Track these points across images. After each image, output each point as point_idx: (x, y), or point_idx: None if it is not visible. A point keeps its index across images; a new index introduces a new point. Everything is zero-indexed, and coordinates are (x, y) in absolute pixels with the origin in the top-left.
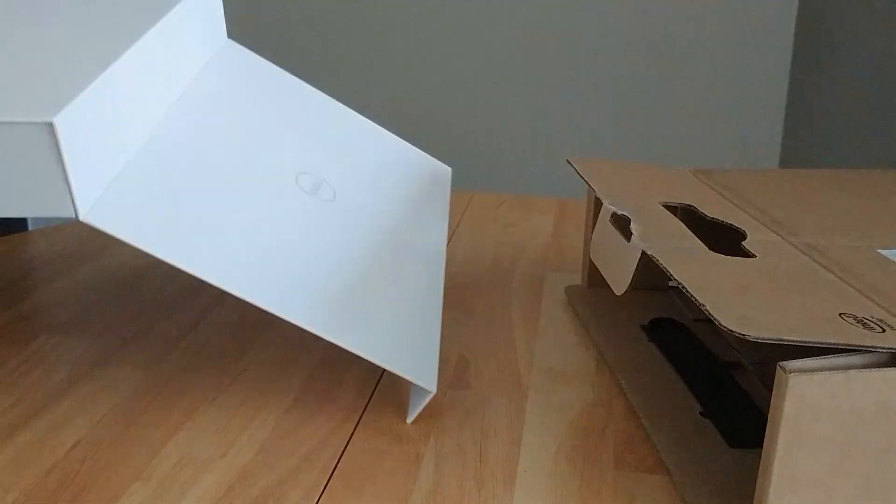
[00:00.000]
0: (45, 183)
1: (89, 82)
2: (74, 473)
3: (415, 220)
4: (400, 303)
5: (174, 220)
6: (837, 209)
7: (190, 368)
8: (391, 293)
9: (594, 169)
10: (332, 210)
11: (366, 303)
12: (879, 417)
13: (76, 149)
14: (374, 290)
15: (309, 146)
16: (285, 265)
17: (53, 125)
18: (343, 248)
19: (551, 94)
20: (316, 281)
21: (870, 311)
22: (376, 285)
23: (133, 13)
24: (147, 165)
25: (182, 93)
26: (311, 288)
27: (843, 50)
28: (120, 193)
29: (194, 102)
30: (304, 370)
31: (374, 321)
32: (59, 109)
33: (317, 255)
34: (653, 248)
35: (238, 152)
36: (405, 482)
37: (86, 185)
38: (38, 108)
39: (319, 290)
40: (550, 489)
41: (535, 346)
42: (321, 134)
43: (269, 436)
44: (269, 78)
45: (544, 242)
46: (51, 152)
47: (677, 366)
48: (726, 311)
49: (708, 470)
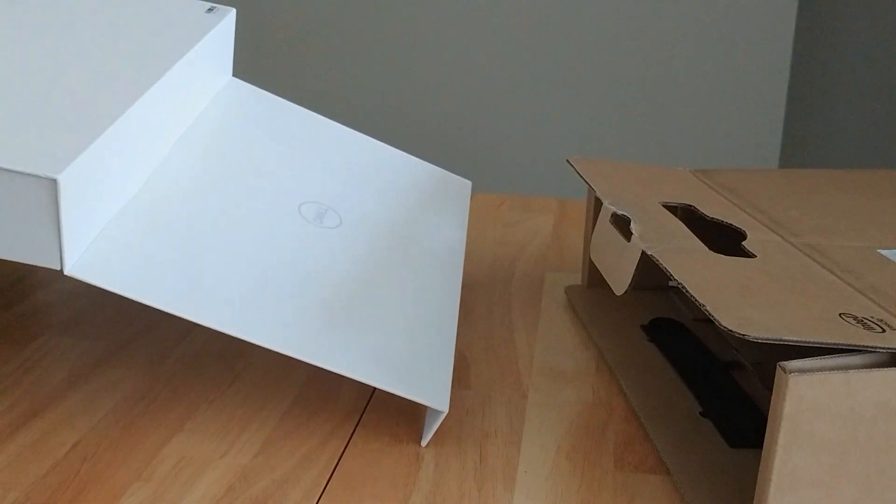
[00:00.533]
0: (36, 233)
1: (97, 135)
2: (74, 473)
3: (430, 234)
4: (411, 321)
5: (162, 266)
6: (837, 209)
7: (190, 368)
8: (401, 311)
9: (594, 169)
10: (336, 235)
11: (370, 325)
12: (879, 417)
13: (73, 204)
14: (379, 309)
15: (314, 174)
16: (278, 297)
17: (57, 182)
18: (345, 272)
19: (551, 94)
20: (313, 308)
21: (870, 311)
22: (382, 304)
23: (152, 51)
24: (140, 211)
25: (185, 130)
26: (307, 316)
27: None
28: (107, 244)
29: (197, 140)
30: (304, 370)
31: (381, 344)
32: (65, 166)
33: (315, 283)
34: (653, 248)
35: (237, 188)
36: (405, 482)
37: (76, 238)
38: (44, 161)
39: (317, 317)
40: (550, 489)
41: (535, 346)
42: (328, 160)
43: (269, 436)
44: (274, 110)
45: (544, 242)
46: (49, 207)
47: (677, 366)
48: (726, 312)
49: (708, 470)
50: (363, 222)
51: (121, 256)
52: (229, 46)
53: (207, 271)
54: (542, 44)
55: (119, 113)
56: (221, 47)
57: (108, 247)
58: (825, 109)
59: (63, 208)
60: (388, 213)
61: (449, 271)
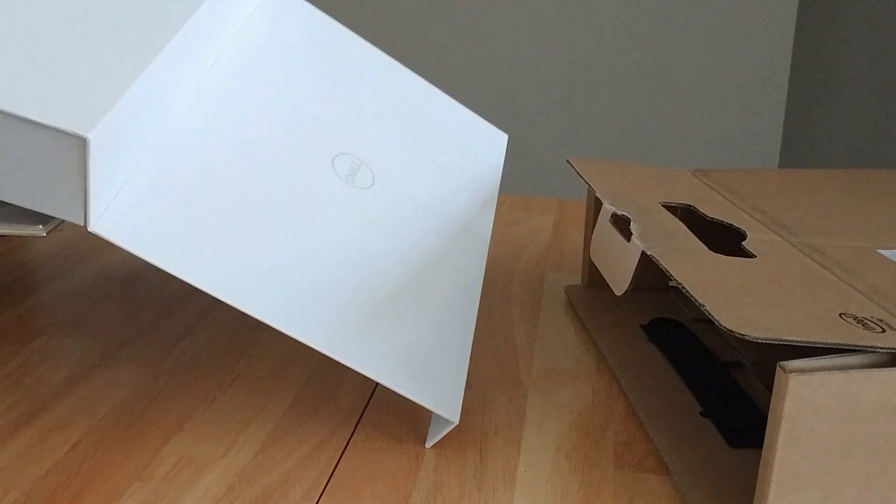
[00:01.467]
0: (63, 187)
1: (125, 89)
2: (74, 473)
3: (460, 211)
4: (432, 316)
5: (185, 229)
6: (837, 209)
7: (190, 368)
8: (423, 306)
9: (594, 169)
10: (367, 201)
11: (392, 321)
12: (879, 417)
13: (102, 162)
14: (403, 304)
15: (354, 118)
16: (301, 277)
17: (87, 141)
18: (372, 254)
19: (551, 94)
20: (336, 294)
21: (870, 311)
22: (406, 298)
23: None
24: (165, 167)
25: (219, 56)
26: (329, 304)
27: (843, 50)
28: (131, 201)
29: (231, 70)
30: (304, 370)
31: (400, 340)
32: (95, 123)
33: (340, 265)
34: (653, 248)
35: (270, 134)
36: (405, 482)
37: (102, 196)
38: (73, 117)
39: (339, 305)
40: (550, 489)
41: (535, 346)
42: (371, 103)
43: (269, 436)
44: (317, 32)
45: (544, 242)
46: (78, 164)
47: (677, 366)
48: (726, 312)
49: (708, 470)
50: (395, 188)
51: (144, 217)
52: None
53: (231, 241)
54: (543, 44)
55: (146, 63)
56: None
57: (133, 205)
58: (825, 109)
59: (92, 165)
60: (420, 179)
61: (474, 262)
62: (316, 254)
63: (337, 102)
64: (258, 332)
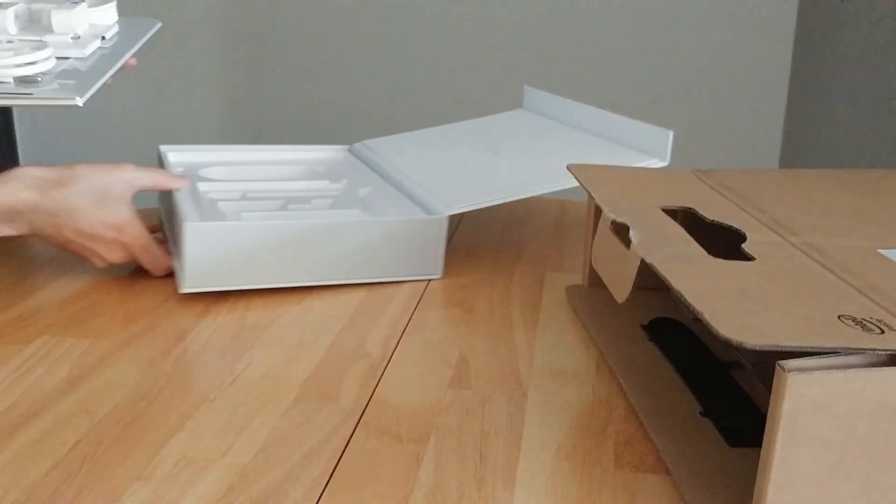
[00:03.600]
0: (427, 255)
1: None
2: (74, 473)
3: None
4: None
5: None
6: (837, 209)
7: (190, 368)
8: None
9: (593, 175)
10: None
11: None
12: (877, 416)
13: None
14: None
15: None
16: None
17: (443, 220)
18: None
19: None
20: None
21: (869, 311)
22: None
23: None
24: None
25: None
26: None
27: (843, 50)
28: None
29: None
30: (304, 370)
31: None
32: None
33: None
34: (651, 255)
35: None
36: (405, 482)
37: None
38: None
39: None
40: (550, 489)
41: (535, 346)
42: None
43: (269, 436)
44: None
45: (544, 242)
46: (441, 235)
47: (677, 366)
48: (724, 319)
49: (707, 469)
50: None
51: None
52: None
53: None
54: (543, 44)
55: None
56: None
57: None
58: (825, 109)
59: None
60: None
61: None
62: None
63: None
64: (258, 332)
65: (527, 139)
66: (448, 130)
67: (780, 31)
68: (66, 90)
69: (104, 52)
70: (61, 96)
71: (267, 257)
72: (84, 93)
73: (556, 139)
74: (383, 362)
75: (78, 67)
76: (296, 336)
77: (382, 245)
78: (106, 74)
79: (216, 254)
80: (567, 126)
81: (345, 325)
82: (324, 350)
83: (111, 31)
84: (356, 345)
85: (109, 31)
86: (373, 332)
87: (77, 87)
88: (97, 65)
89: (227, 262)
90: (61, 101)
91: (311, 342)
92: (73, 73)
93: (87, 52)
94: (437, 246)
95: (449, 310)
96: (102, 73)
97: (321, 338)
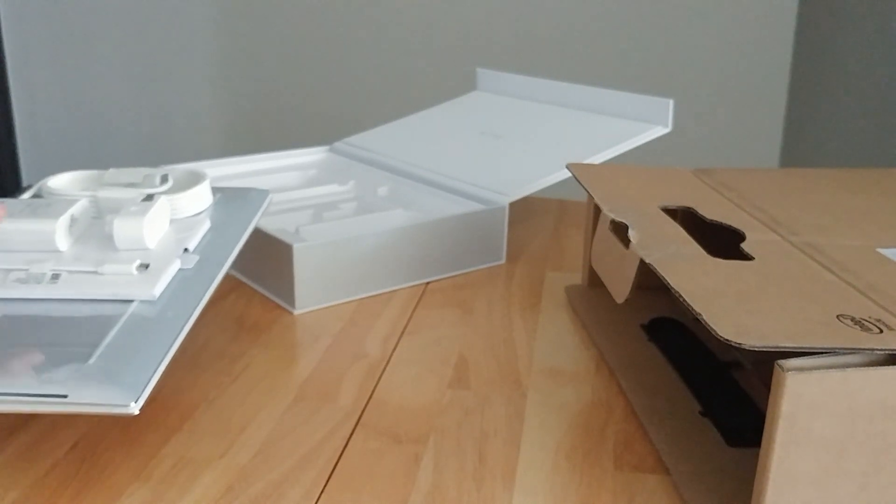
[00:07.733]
0: (490, 242)
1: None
2: (74, 473)
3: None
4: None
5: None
6: (837, 208)
7: (190, 368)
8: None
9: (593, 175)
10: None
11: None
12: (876, 415)
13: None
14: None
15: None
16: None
17: (505, 208)
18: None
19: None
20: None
21: (868, 310)
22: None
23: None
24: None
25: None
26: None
27: (843, 50)
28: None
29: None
30: (304, 370)
31: None
32: (512, 197)
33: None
34: (650, 255)
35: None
36: (404, 482)
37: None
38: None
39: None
40: (550, 489)
41: (535, 346)
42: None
43: (269, 436)
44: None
45: (544, 242)
46: (504, 223)
47: (677, 366)
48: (723, 320)
49: (707, 469)
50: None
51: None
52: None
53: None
54: (543, 43)
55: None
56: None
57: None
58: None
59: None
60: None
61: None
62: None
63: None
64: (258, 332)
65: (521, 120)
66: (425, 118)
67: (780, 31)
68: (113, 386)
69: (185, 275)
70: (106, 402)
71: (364, 268)
72: (140, 390)
73: (553, 118)
74: (382, 362)
75: (140, 320)
76: (295, 336)
77: (452, 240)
78: (179, 334)
79: (325, 272)
80: (556, 105)
81: (344, 325)
82: (323, 350)
83: (198, 234)
84: (355, 345)
85: (195, 235)
86: (372, 333)
87: (130, 380)
88: (169, 312)
89: (332, 279)
90: (110, 409)
91: (310, 342)
92: (132, 336)
93: (156, 291)
94: (501, 233)
95: (448, 310)
96: (171, 341)
97: (320, 338)
